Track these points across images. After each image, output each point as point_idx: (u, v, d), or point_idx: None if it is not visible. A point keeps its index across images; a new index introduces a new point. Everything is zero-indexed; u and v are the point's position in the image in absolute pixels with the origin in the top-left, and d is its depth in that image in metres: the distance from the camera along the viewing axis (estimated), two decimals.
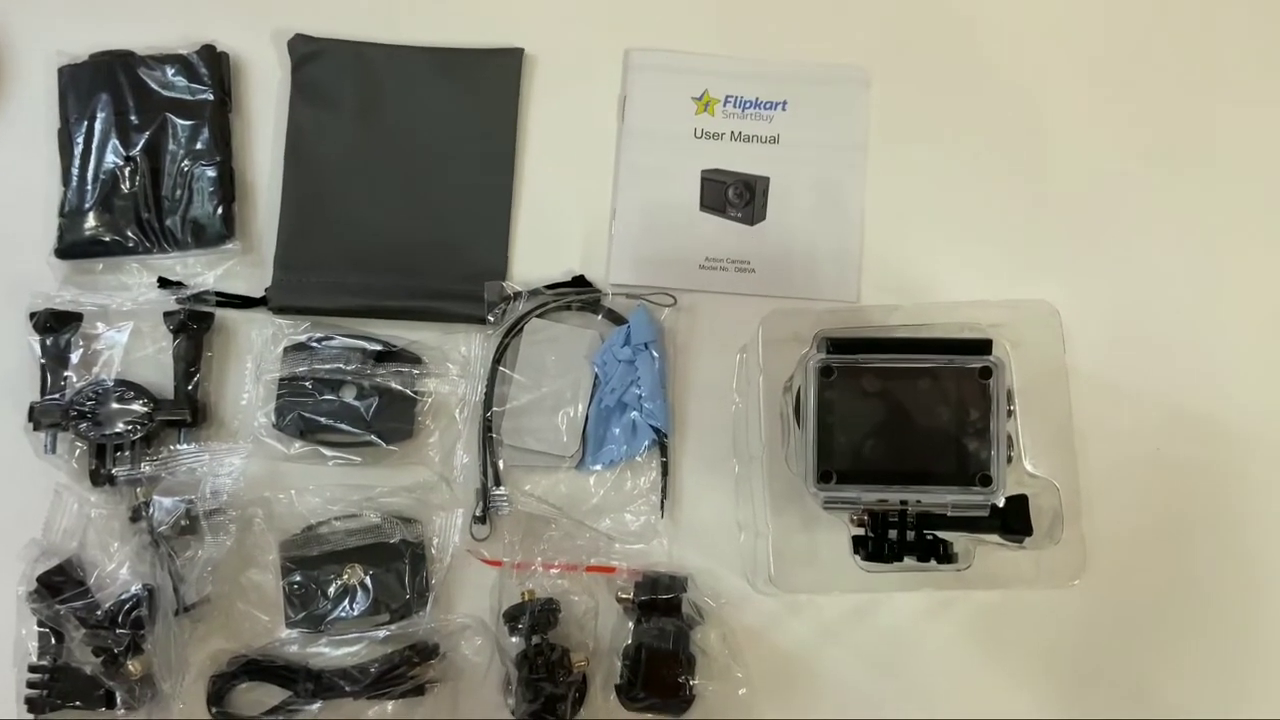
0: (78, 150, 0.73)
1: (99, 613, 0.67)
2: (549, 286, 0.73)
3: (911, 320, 0.65)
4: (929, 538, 0.60)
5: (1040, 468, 0.63)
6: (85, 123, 0.73)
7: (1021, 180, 0.77)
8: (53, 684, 0.67)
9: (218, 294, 0.72)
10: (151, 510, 0.68)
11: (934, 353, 0.58)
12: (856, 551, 0.61)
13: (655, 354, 0.72)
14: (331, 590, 0.69)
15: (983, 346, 0.58)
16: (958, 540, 0.62)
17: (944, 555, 0.60)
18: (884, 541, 0.60)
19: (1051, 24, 0.79)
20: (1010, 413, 0.59)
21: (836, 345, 0.59)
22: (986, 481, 0.57)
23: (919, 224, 0.76)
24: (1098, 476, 0.69)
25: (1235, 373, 0.75)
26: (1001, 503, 0.58)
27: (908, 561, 0.60)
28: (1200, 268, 0.76)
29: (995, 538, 0.62)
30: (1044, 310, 0.64)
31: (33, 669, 0.67)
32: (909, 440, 0.58)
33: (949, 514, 0.59)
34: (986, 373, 0.57)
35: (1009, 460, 0.58)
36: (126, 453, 0.69)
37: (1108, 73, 0.79)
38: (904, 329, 0.64)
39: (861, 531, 0.61)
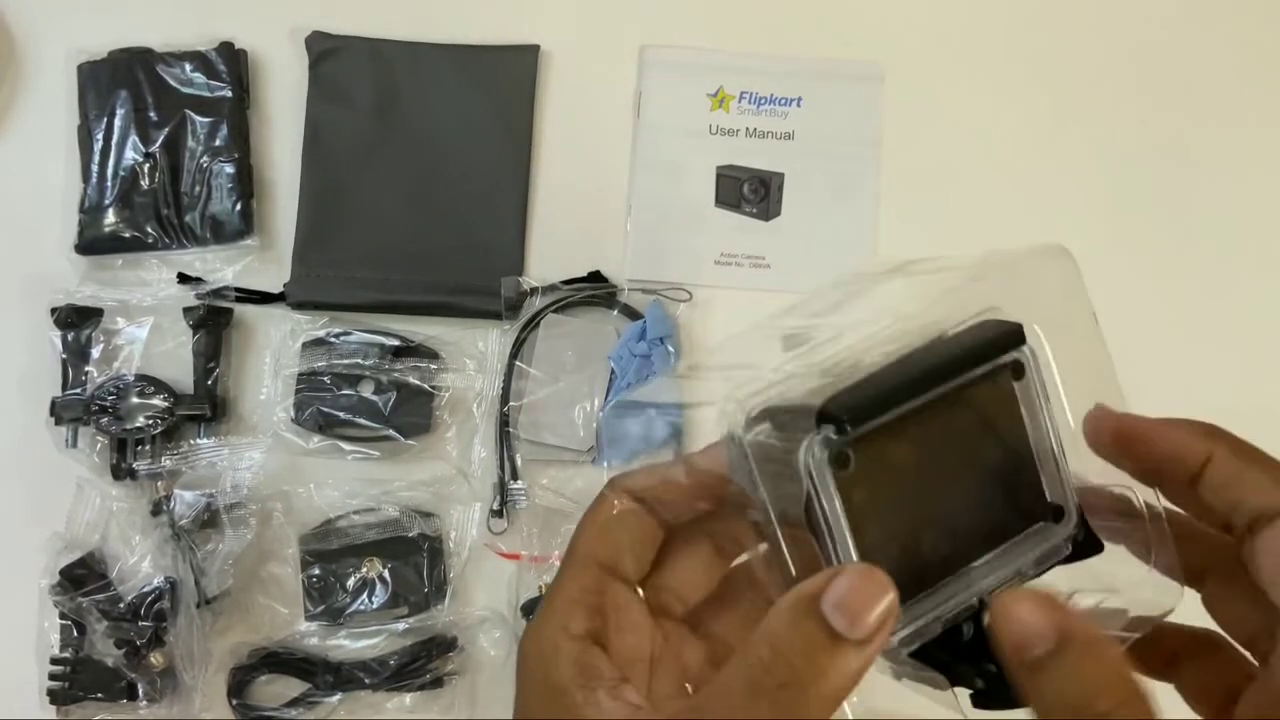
0: (97, 147, 0.74)
1: (121, 605, 0.67)
2: (565, 282, 0.73)
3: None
4: None
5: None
6: (105, 119, 0.74)
7: (1037, 176, 0.77)
8: (75, 676, 0.67)
9: (237, 289, 0.73)
10: (172, 504, 0.68)
11: (957, 370, 0.38)
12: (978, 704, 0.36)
13: (671, 349, 0.72)
14: (350, 583, 0.69)
15: (1011, 337, 0.38)
16: None
17: None
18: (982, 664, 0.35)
19: (1066, 19, 0.79)
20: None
21: (830, 418, 0.34)
22: (1060, 515, 0.38)
23: (933, 220, 0.76)
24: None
25: (1248, 368, 0.75)
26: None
27: None
28: (1216, 264, 0.76)
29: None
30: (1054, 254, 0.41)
31: (55, 661, 0.67)
32: (961, 505, 0.38)
33: (1031, 574, 0.38)
34: (1019, 370, 0.39)
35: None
36: (147, 447, 0.69)
37: (1125, 66, 0.79)
38: (895, 346, 0.38)
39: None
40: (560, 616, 0.33)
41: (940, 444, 0.37)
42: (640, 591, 0.36)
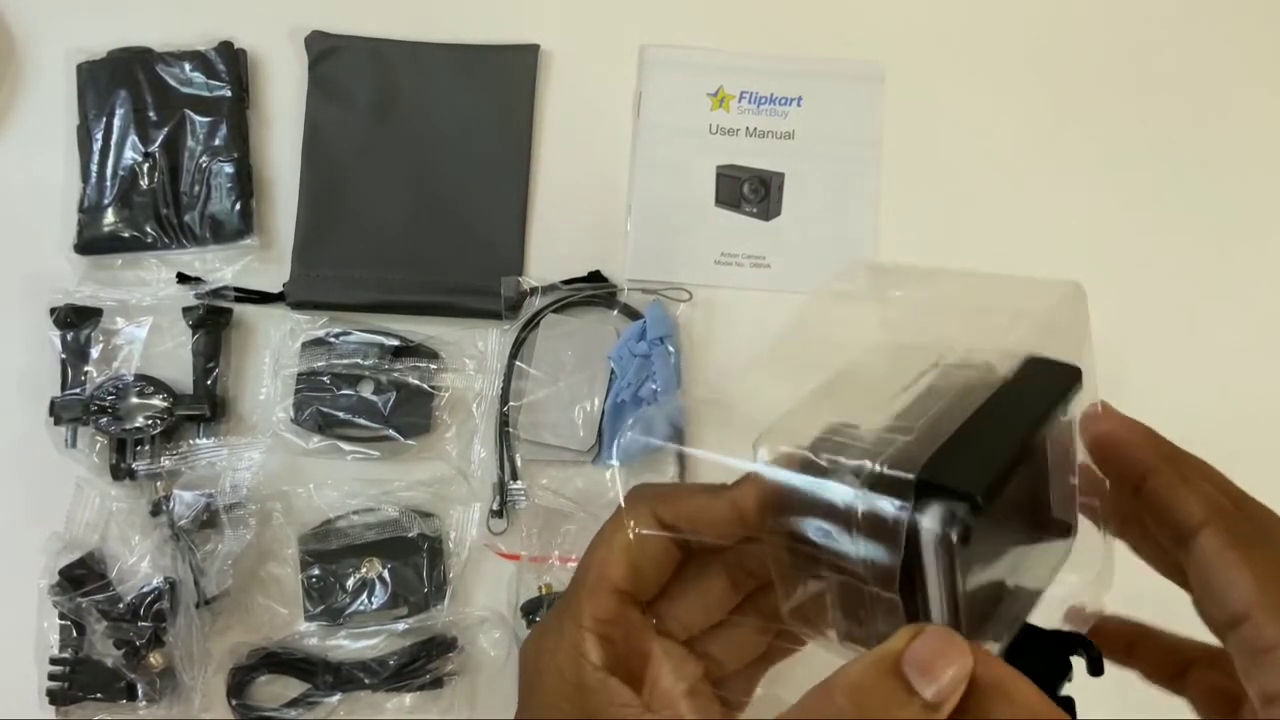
0: (97, 146, 0.74)
1: (121, 605, 0.67)
2: (565, 282, 0.73)
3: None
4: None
5: None
6: (104, 119, 0.74)
7: (1037, 175, 0.77)
8: (74, 676, 0.67)
9: (236, 289, 0.72)
10: (172, 504, 0.68)
11: (1044, 423, 0.37)
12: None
13: (671, 349, 0.72)
14: (350, 583, 0.69)
15: (1073, 380, 0.38)
16: None
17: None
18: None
19: (1066, 19, 0.79)
20: None
21: (964, 495, 0.33)
22: (1066, 531, 0.39)
23: (933, 220, 0.76)
24: None
25: (1248, 367, 0.75)
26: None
27: None
28: (1216, 264, 0.76)
29: None
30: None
31: (54, 661, 0.67)
32: (1006, 539, 0.38)
33: (1044, 587, 0.39)
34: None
35: None
36: (146, 447, 0.69)
37: (1125, 66, 0.79)
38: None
39: None
40: (579, 643, 0.34)
41: (1027, 480, 0.37)
42: (652, 619, 0.37)
